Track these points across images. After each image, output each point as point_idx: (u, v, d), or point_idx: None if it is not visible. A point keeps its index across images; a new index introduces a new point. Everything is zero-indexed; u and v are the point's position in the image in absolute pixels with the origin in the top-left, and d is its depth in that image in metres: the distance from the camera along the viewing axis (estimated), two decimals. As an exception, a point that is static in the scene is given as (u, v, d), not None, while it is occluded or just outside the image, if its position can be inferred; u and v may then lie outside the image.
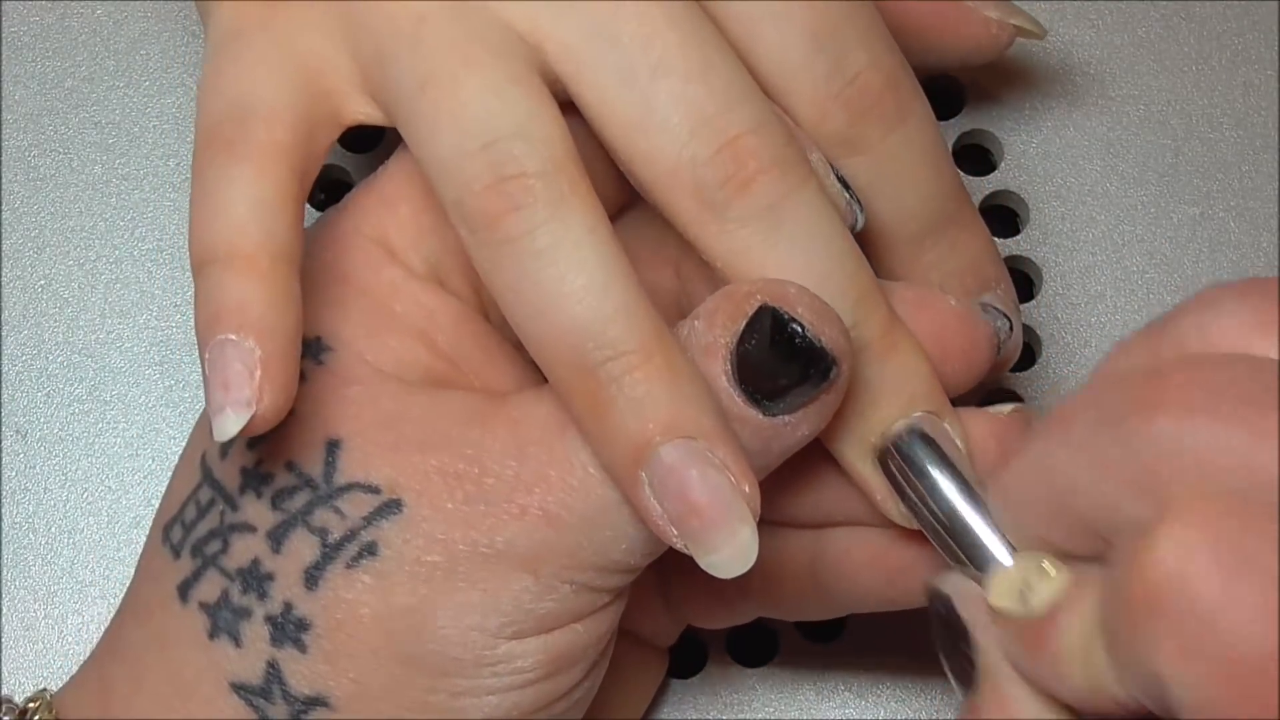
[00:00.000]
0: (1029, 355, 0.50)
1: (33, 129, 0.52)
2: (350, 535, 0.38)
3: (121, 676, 0.40)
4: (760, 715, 0.47)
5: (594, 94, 0.39)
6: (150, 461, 0.49)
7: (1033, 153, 0.51)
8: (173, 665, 0.39)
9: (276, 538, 0.39)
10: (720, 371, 0.38)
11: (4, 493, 0.49)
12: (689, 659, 0.48)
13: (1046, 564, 0.35)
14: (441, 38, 0.39)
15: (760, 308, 0.38)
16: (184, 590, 0.39)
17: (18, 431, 0.50)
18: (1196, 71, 0.52)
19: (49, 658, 0.48)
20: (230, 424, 0.37)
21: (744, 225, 0.38)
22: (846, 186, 0.40)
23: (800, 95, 0.40)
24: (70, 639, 0.48)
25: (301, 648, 0.38)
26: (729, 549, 0.37)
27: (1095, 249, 0.51)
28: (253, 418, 0.37)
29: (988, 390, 0.49)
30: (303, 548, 0.38)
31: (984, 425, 0.40)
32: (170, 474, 0.42)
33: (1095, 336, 0.50)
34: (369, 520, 0.38)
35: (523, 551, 0.38)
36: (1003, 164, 0.51)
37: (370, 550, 0.38)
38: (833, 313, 0.38)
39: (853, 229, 0.40)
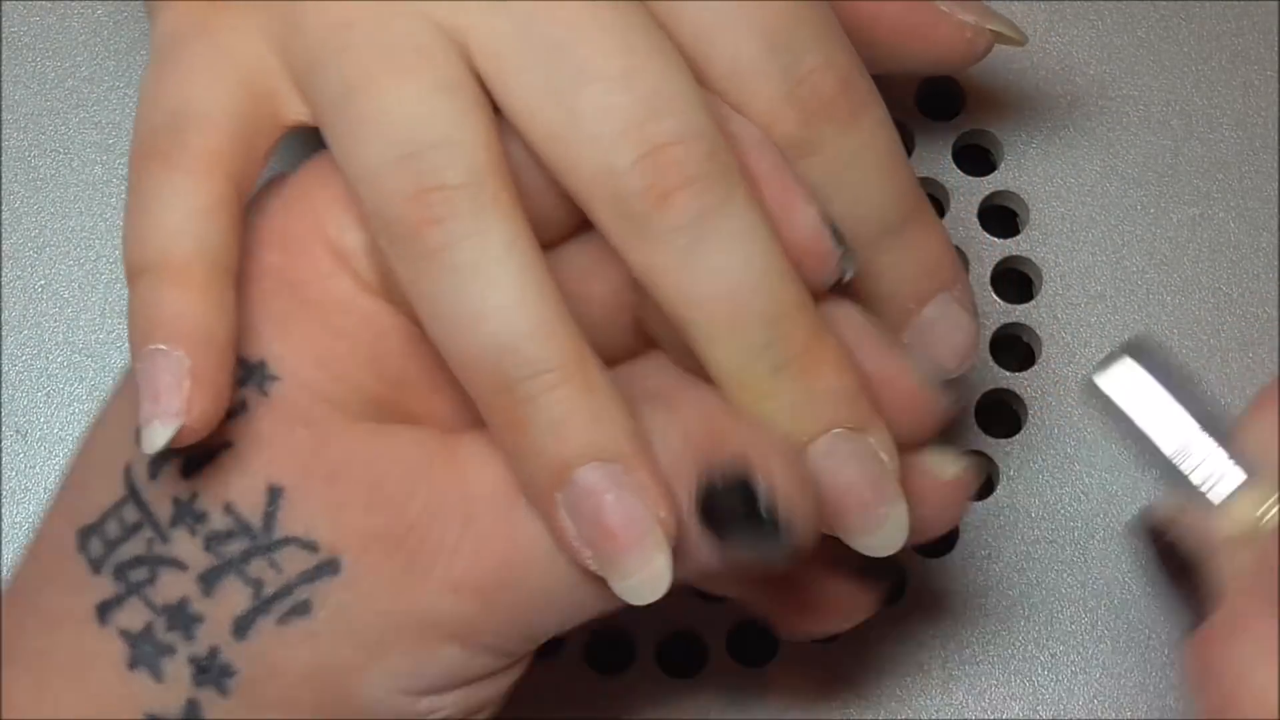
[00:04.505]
0: (1029, 355, 0.50)
1: (33, 129, 0.52)
2: (285, 591, 0.38)
3: (23, 685, 0.39)
4: (760, 715, 0.47)
5: (518, 102, 0.38)
6: (150, 461, 0.49)
7: (1033, 153, 0.51)
8: (87, 687, 0.38)
9: (209, 581, 0.38)
10: (685, 495, 0.37)
11: (4, 493, 0.49)
12: (689, 659, 0.48)
13: None
14: (367, 43, 0.38)
15: (720, 477, 0.37)
16: (104, 612, 0.39)
17: (18, 431, 0.49)
18: (1196, 71, 0.52)
19: (49, 658, 0.48)
20: (158, 436, 0.37)
21: (661, 241, 0.37)
22: (838, 237, 0.39)
23: (753, 98, 0.39)
24: (70, 639, 0.48)
25: (224, 692, 0.38)
26: (642, 574, 0.37)
27: (1095, 249, 0.51)
28: (181, 429, 0.37)
29: (987, 388, 0.49)
30: (235, 596, 0.38)
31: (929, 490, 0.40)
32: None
33: (1095, 336, 0.50)
34: (305, 578, 0.38)
35: (454, 625, 0.38)
36: (1003, 164, 0.51)
37: (303, 609, 0.38)
38: (806, 487, 0.38)
39: (841, 279, 0.39)
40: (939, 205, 0.51)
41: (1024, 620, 0.48)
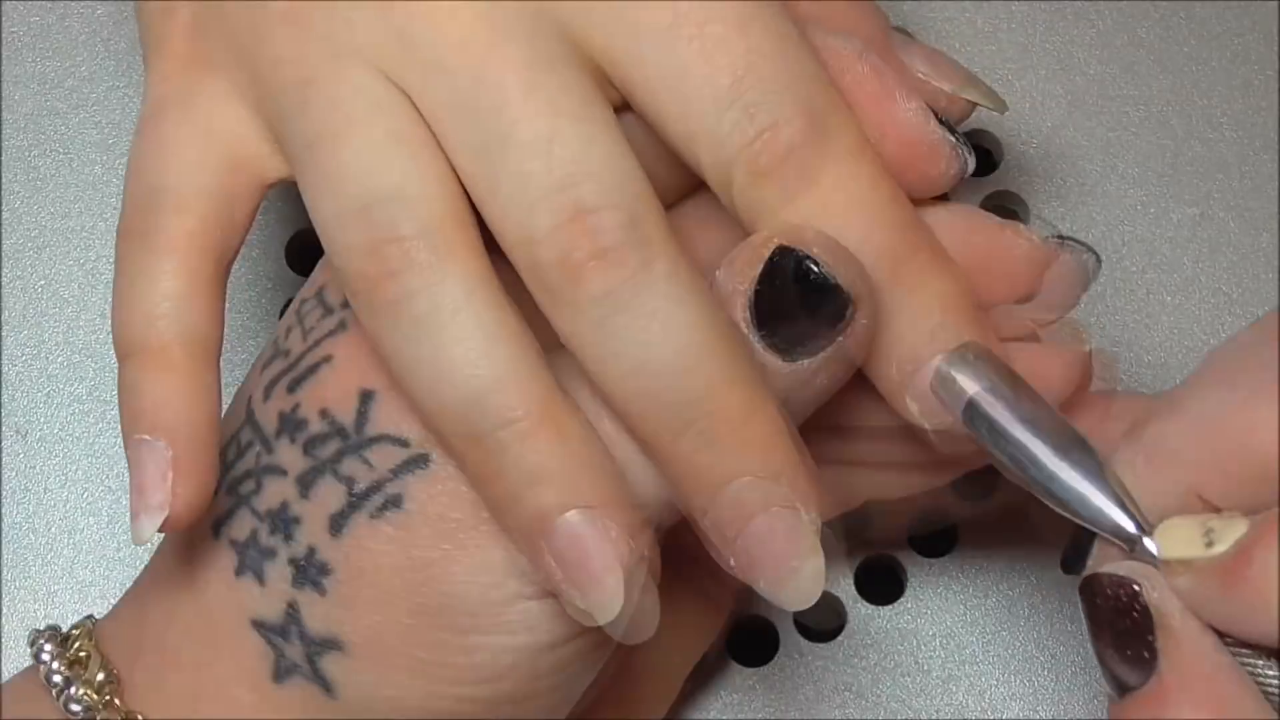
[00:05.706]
0: (1029, 355, 0.50)
1: (33, 129, 0.52)
2: (376, 486, 0.39)
3: (158, 608, 0.41)
4: (760, 715, 0.47)
5: (454, 160, 0.38)
6: (150, 461, 0.49)
7: (1033, 153, 0.51)
8: (202, 599, 0.40)
9: (305, 483, 0.39)
10: (740, 319, 0.37)
11: (4, 493, 0.49)
12: (689, 659, 0.48)
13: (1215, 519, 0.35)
14: (325, 97, 0.38)
15: (776, 249, 0.37)
16: (217, 526, 0.40)
17: (18, 431, 0.50)
18: (1196, 71, 0.52)
19: (49, 658, 0.48)
20: (145, 528, 0.38)
21: (578, 312, 0.37)
22: (949, 127, 0.39)
23: (704, 161, 0.38)
24: (70, 639, 0.48)
25: (321, 590, 0.39)
26: (628, 616, 0.37)
27: (1095, 249, 0.50)
28: (167, 519, 0.38)
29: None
30: (330, 495, 0.39)
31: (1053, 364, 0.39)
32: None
33: (1095, 337, 0.50)
34: (396, 473, 0.39)
35: None
36: (1003, 164, 0.51)
37: (395, 502, 0.38)
38: (852, 256, 0.37)
39: (964, 171, 0.39)
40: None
41: (1024, 620, 0.48)
